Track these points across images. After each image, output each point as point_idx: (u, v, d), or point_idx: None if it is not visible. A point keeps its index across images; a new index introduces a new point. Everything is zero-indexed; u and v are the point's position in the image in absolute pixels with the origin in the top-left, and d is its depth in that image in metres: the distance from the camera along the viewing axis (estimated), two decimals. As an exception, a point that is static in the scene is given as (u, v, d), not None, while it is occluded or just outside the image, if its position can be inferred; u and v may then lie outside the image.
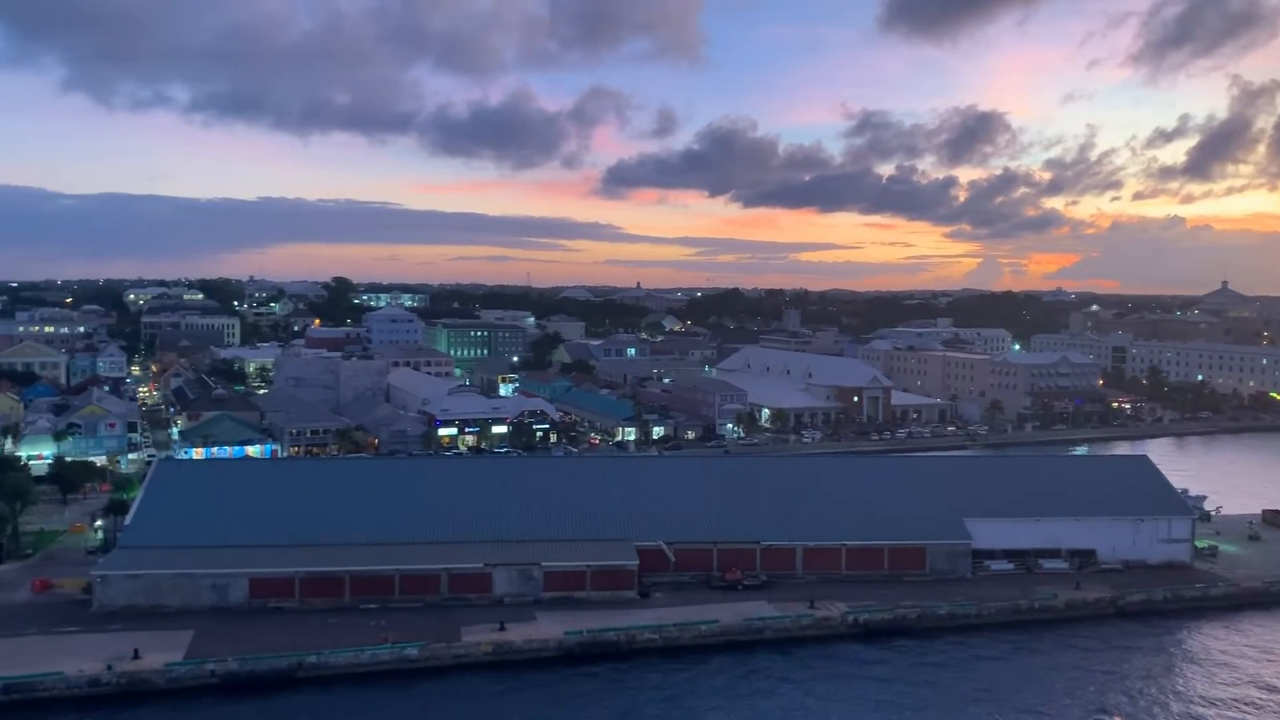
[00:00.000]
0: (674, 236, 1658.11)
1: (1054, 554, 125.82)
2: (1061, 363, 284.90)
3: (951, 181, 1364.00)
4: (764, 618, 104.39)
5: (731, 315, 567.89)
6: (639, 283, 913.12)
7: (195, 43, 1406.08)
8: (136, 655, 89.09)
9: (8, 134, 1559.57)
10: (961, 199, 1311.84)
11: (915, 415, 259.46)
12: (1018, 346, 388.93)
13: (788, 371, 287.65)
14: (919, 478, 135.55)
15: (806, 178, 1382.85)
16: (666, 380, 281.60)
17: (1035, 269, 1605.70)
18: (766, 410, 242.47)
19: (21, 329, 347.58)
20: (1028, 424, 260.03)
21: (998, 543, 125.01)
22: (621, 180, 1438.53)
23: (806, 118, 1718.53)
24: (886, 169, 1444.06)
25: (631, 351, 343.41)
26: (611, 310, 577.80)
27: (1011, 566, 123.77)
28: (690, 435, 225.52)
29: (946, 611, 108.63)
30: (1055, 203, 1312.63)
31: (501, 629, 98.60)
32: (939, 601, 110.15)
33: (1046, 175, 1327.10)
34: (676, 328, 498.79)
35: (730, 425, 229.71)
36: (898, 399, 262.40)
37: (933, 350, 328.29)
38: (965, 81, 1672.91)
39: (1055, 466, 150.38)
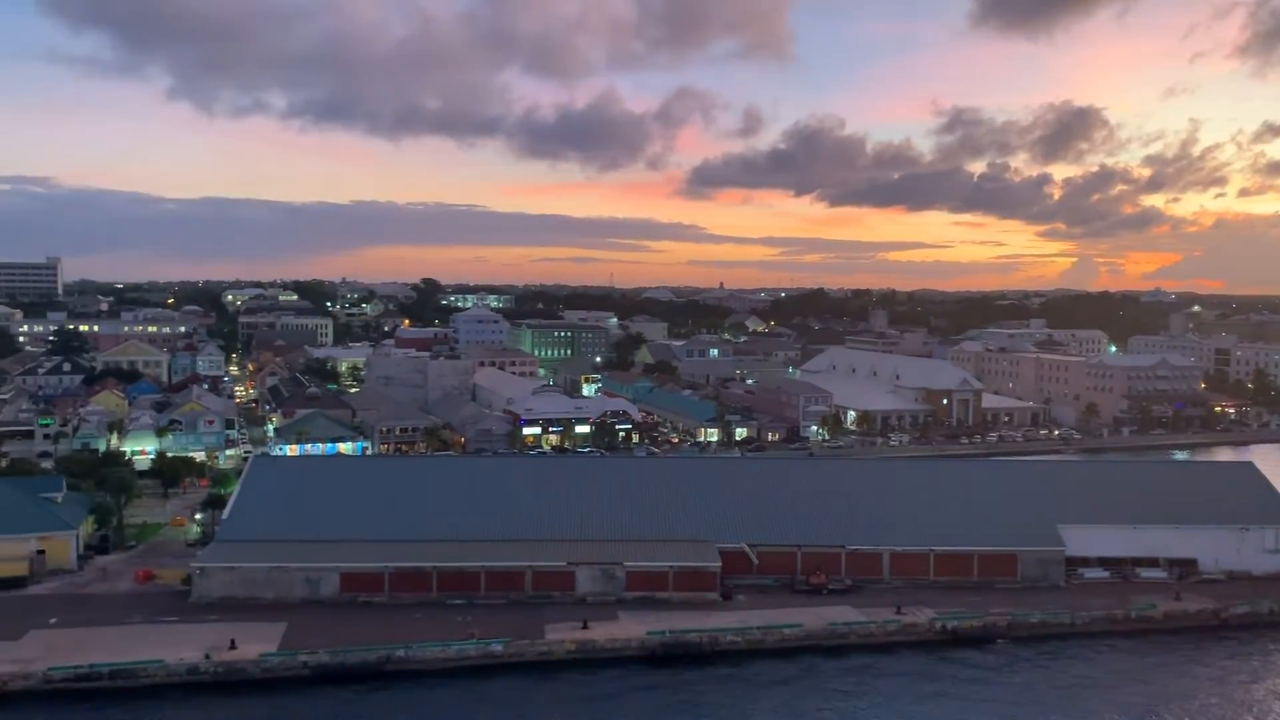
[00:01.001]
0: (758, 236, 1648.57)
1: (1152, 563, 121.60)
2: (1160, 365, 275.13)
3: (1046, 179, 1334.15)
4: (849, 623, 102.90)
5: (816, 316, 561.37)
6: (722, 283, 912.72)
7: (293, 51, 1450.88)
8: (233, 645, 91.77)
9: (115, 141, 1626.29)
10: (1056, 197, 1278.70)
11: (1006, 419, 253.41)
12: (1114, 348, 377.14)
13: (874, 373, 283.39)
14: (1010, 482, 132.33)
15: (895, 176, 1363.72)
16: (750, 381, 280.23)
17: (1133, 269, 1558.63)
18: (852, 412, 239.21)
19: (126, 328, 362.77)
20: (1124, 428, 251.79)
21: (1093, 550, 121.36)
22: (706, 180, 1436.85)
23: (896, 115, 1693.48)
24: (978, 167, 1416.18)
25: (714, 352, 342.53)
26: (694, 311, 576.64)
27: (1107, 575, 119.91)
28: (773, 437, 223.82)
29: (1038, 620, 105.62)
30: (1155, 200, 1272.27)
31: (584, 627, 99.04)
32: (1030, 609, 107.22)
33: (1146, 172, 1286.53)
34: (760, 328, 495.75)
35: (815, 427, 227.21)
36: (988, 402, 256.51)
37: (1025, 352, 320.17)
38: (1061, 76, 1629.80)
39: (1154, 472, 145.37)
